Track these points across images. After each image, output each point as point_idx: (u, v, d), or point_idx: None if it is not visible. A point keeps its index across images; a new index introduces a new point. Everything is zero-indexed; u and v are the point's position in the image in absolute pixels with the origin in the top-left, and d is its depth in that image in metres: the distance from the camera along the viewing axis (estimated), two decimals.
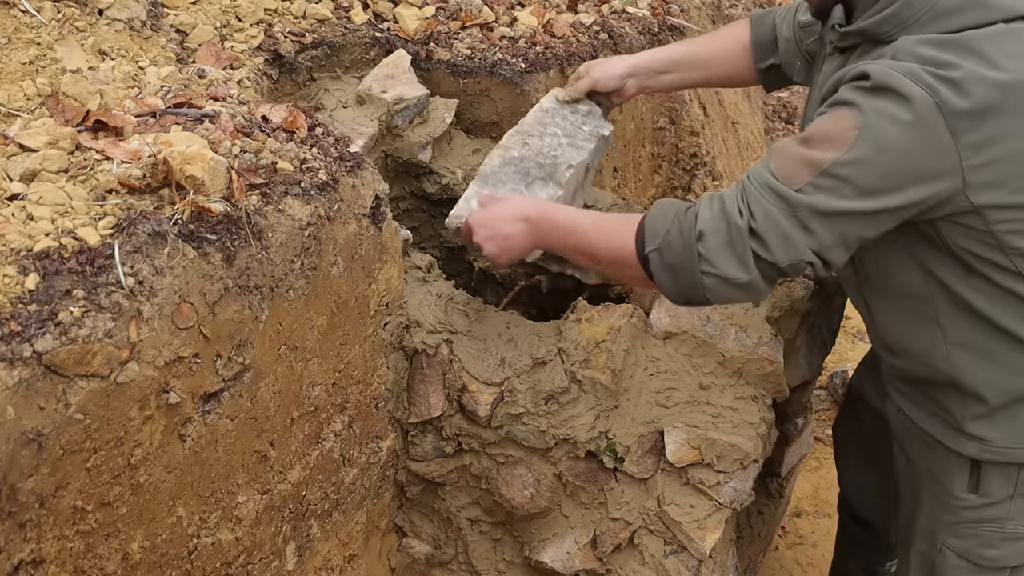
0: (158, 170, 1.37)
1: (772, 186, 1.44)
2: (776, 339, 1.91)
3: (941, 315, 1.58)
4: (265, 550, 1.62)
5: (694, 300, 1.54)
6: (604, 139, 2.05)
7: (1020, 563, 1.72)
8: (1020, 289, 1.52)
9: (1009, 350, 1.57)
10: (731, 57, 1.98)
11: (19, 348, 1.12)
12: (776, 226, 1.43)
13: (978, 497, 1.67)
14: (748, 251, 1.44)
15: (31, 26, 1.66)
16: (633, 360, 1.91)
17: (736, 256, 1.45)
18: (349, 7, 2.32)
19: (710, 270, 1.47)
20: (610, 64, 2.05)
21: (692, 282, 1.50)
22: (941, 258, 1.52)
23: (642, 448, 1.84)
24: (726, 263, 1.46)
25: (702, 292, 1.50)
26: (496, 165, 1.90)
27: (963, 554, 1.73)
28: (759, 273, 1.45)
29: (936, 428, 1.70)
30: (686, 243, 1.49)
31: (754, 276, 1.46)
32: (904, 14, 1.46)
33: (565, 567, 1.93)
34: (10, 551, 1.15)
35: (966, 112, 1.36)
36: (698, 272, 1.48)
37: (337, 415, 1.74)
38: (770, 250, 1.44)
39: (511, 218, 1.72)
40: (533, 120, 2.02)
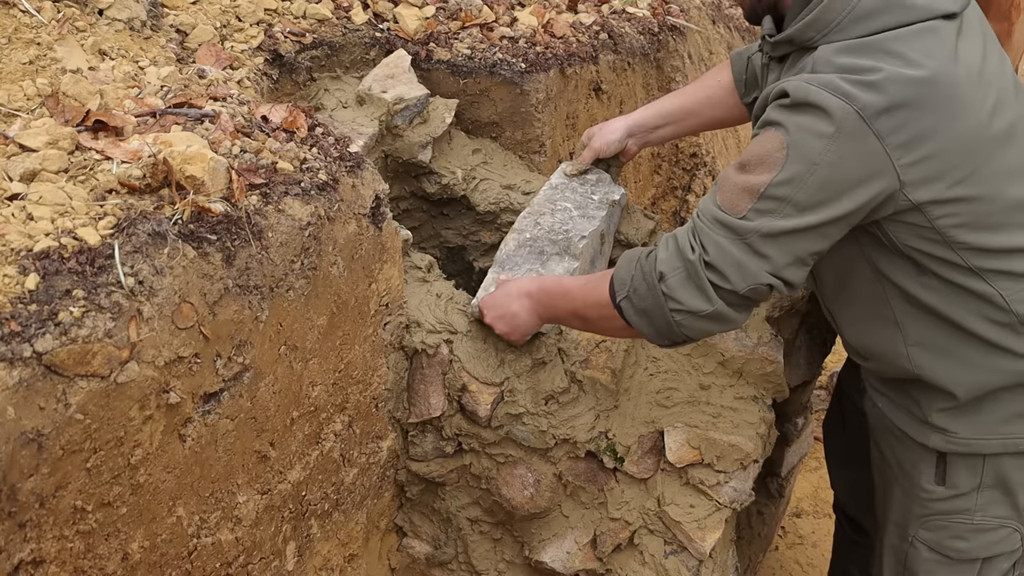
0: (158, 170, 1.37)
1: (718, 218, 1.47)
2: (776, 339, 1.91)
3: (898, 316, 1.61)
4: (265, 550, 1.63)
5: (675, 339, 1.57)
6: (616, 203, 2.12)
7: (990, 554, 1.74)
8: (971, 284, 1.54)
9: (966, 346, 1.59)
10: (718, 100, 2.02)
11: (19, 348, 1.12)
12: (728, 256, 1.46)
13: (945, 489, 1.70)
14: (706, 283, 1.48)
15: (31, 26, 1.67)
16: (633, 360, 1.91)
17: (697, 288, 1.48)
18: (349, 7, 2.32)
19: (677, 307, 1.50)
20: (607, 130, 2.12)
21: (665, 322, 1.53)
22: (892, 259, 1.55)
23: (642, 448, 1.85)
24: (689, 297, 1.49)
25: (678, 329, 1.53)
26: (511, 249, 1.97)
27: (933, 546, 1.76)
28: (723, 302, 1.49)
29: (903, 421, 1.73)
30: (650, 286, 1.52)
31: (718, 306, 1.49)
32: (825, 18, 1.48)
33: (565, 567, 1.93)
34: (10, 551, 1.15)
35: (888, 113, 1.39)
36: (667, 311, 1.51)
37: (337, 415, 1.74)
38: (727, 279, 1.47)
39: (515, 295, 1.78)
40: (543, 198, 2.11)
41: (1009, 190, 1.50)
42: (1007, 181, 1.50)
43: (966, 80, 1.45)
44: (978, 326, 1.57)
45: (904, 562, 1.82)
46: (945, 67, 1.42)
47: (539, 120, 2.33)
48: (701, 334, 1.56)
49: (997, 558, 1.74)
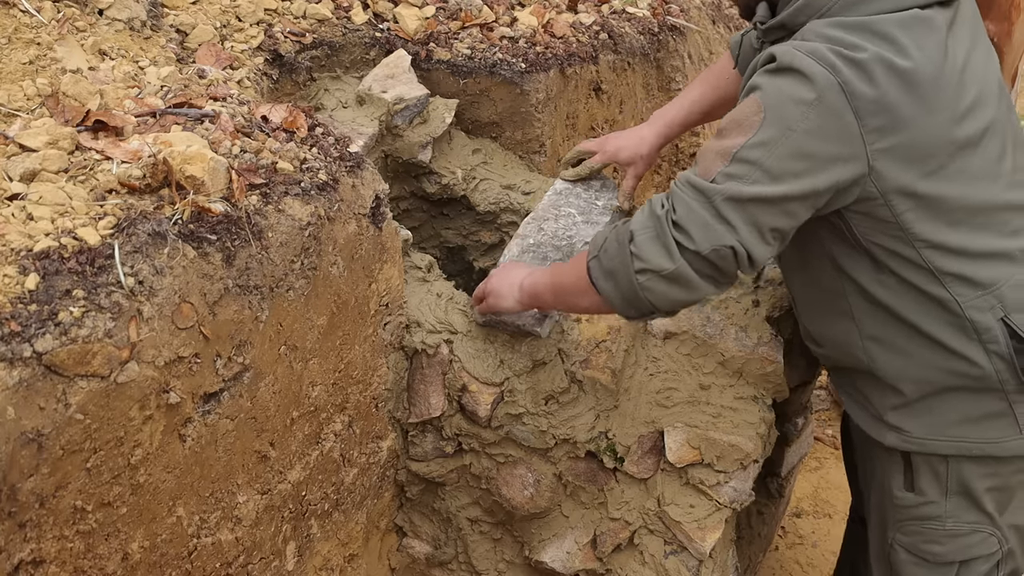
0: (158, 170, 1.37)
1: (691, 181, 1.47)
2: (776, 339, 1.91)
3: (854, 310, 1.62)
4: (265, 550, 1.62)
5: (640, 307, 1.53)
6: (620, 209, 2.12)
7: (967, 557, 1.73)
8: (928, 287, 1.54)
9: (919, 346, 1.59)
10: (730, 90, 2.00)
11: (19, 348, 1.12)
12: (696, 216, 1.44)
13: (915, 496, 1.70)
14: (671, 239, 1.46)
15: (31, 26, 1.67)
16: (633, 360, 1.91)
17: (662, 245, 1.46)
18: (349, 7, 2.32)
19: (641, 265, 1.48)
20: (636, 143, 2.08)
21: (629, 283, 1.50)
22: (851, 254, 1.56)
23: (642, 448, 1.84)
24: (653, 254, 1.47)
25: (642, 293, 1.50)
26: (515, 254, 1.98)
27: (911, 549, 1.76)
28: (685, 262, 1.46)
29: (862, 418, 1.74)
30: (620, 244, 1.51)
31: (679, 264, 1.46)
32: (817, 3, 1.47)
33: (565, 567, 1.93)
34: (10, 551, 1.15)
35: (867, 94, 1.38)
36: (632, 271, 1.49)
37: (337, 415, 1.74)
38: (692, 238, 1.44)
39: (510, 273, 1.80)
40: (547, 203, 2.12)
41: (974, 192, 1.50)
42: (972, 183, 1.49)
43: (948, 76, 1.43)
44: (932, 328, 1.56)
45: (889, 564, 1.83)
46: (932, 60, 1.41)
47: (539, 120, 2.33)
48: (665, 301, 1.51)
49: (974, 561, 1.73)
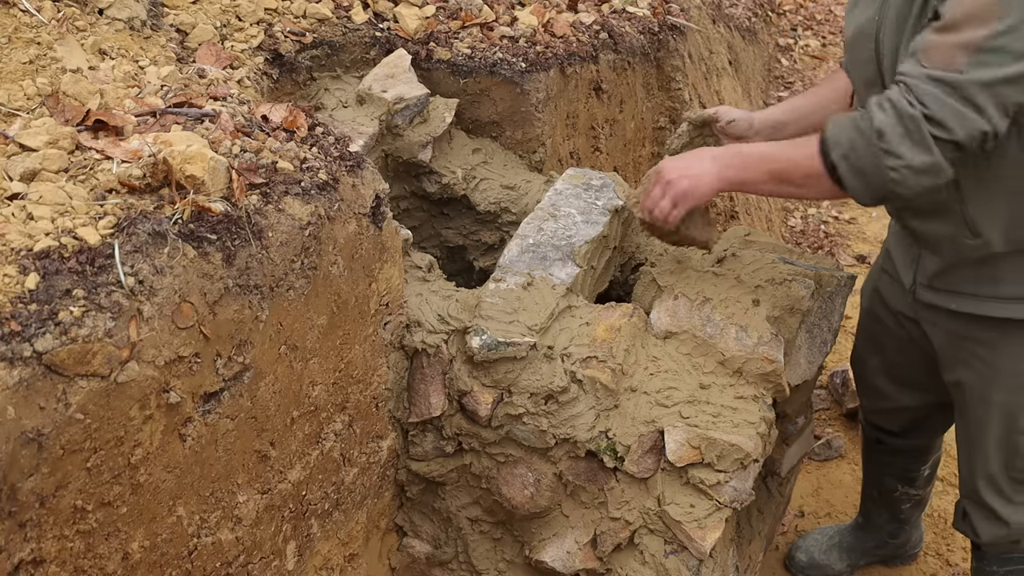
0: (158, 170, 1.37)
1: (933, 76, 1.59)
2: (776, 339, 1.91)
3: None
4: (265, 550, 1.62)
5: (886, 196, 1.69)
6: (619, 210, 2.14)
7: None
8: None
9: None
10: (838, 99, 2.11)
11: (19, 348, 1.12)
12: (949, 108, 1.58)
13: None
14: (927, 136, 1.59)
15: (31, 26, 1.66)
16: (633, 360, 1.91)
17: (917, 143, 1.61)
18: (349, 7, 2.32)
19: (896, 163, 1.62)
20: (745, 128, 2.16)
21: (880, 179, 1.65)
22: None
23: (642, 448, 1.84)
24: (911, 151, 1.61)
25: (892, 186, 1.65)
26: (515, 255, 1.99)
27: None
28: (940, 153, 1.61)
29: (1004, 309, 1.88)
30: (868, 144, 1.64)
31: (937, 157, 1.61)
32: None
33: (565, 567, 1.93)
34: (10, 551, 1.15)
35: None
36: (884, 168, 1.63)
37: (337, 415, 1.74)
38: (949, 130, 1.59)
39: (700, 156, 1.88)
40: (547, 203, 2.13)
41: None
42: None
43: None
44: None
45: (1016, 451, 2.00)
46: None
47: (539, 120, 2.33)
48: (913, 189, 1.66)
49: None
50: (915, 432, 2.43)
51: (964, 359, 2.00)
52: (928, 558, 2.78)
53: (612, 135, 2.75)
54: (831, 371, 3.37)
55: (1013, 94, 1.58)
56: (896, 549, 2.71)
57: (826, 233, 4.22)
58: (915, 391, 2.29)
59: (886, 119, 1.63)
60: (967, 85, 1.56)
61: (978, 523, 2.16)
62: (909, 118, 1.60)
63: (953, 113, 1.58)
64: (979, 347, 1.96)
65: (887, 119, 1.63)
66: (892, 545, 2.68)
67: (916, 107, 1.60)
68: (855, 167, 1.67)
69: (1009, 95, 1.58)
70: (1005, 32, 1.53)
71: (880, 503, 2.60)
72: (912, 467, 2.50)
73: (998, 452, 2.04)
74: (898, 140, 1.62)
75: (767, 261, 2.07)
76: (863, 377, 2.45)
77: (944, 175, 1.64)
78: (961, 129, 1.58)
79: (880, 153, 1.63)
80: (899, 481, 2.52)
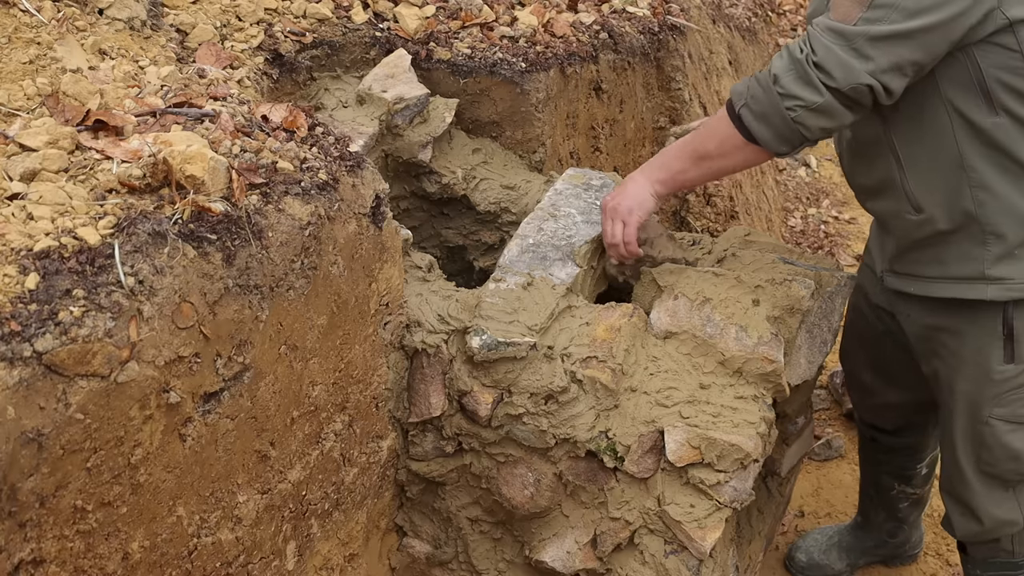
0: (158, 170, 1.37)
1: (830, 26, 1.68)
2: (776, 339, 1.91)
3: (966, 157, 1.77)
4: (265, 550, 1.62)
5: (793, 139, 1.76)
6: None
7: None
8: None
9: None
10: None
11: (19, 348, 1.12)
12: (835, 56, 1.66)
13: (1015, 365, 1.90)
14: (814, 77, 1.68)
15: (31, 26, 1.66)
16: (633, 360, 1.91)
17: (807, 82, 1.69)
18: (349, 7, 2.32)
19: (791, 103, 1.70)
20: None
21: (782, 119, 1.73)
22: (968, 97, 1.72)
23: (642, 448, 1.84)
24: (802, 91, 1.69)
25: (794, 126, 1.72)
26: (515, 255, 1.99)
27: (1009, 419, 1.96)
28: (831, 96, 1.68)
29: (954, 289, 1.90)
30: (765, 89, 1.74)
31: (827, 98, 1.68)
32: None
33: (565, 567, 1.93)
34: (10, 551, 1.15)
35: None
36: (782, 108, 1.71)
37: (337, 415, 1.74)
38: (832, 77, 1.66)
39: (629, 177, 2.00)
40: (547, 203, 2.13)
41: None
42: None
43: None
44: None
45: (982, 440, 2.00)
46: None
47: (539, 120, 2.33)
48: (816, 131, 1.74)
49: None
50: (908, 430, 2.43)
51: (935, 349, 2.02)
52: (928, 558, 2.78)
53: (612, 135, 2.75)
54: (831, 371, 3.37)
55: (905, 52, 1.64)
56: (895, 549, 2.71)
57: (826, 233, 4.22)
58: (899, 387, 2.30)
59: (780, 63, 1.72)
60: (855, 36, 1.64)
61: (954, 518, 2.17)
62: (797, 61, 1.69)
63: (837, 61, 1.65)
64: (947, 336, 1.98)
65: (781, 63, 1.72)
66: (891, 545, 2.68)
67: (806, 51, 1.68)
68: (758, 113, 1.75)
69: (901, 52, 1.63)
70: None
71: (878, 502, 2.61)
72: (908, 465, 2.50)
73: (965, 444, 2.05)
74: (791, 81, 1.70)
75: (767, 261, 2.08)
76: (851, 373, 2.47)
77: (840, 118, 1.71)
78: (843, 78, 1.65)
79: (776, 96, 1.71)
80: (895, 479, 2.53)
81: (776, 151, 1.80)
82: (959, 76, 1.70)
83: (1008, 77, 1.68)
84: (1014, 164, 1.75)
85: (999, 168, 1.76)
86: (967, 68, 1.69)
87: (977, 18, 1.61)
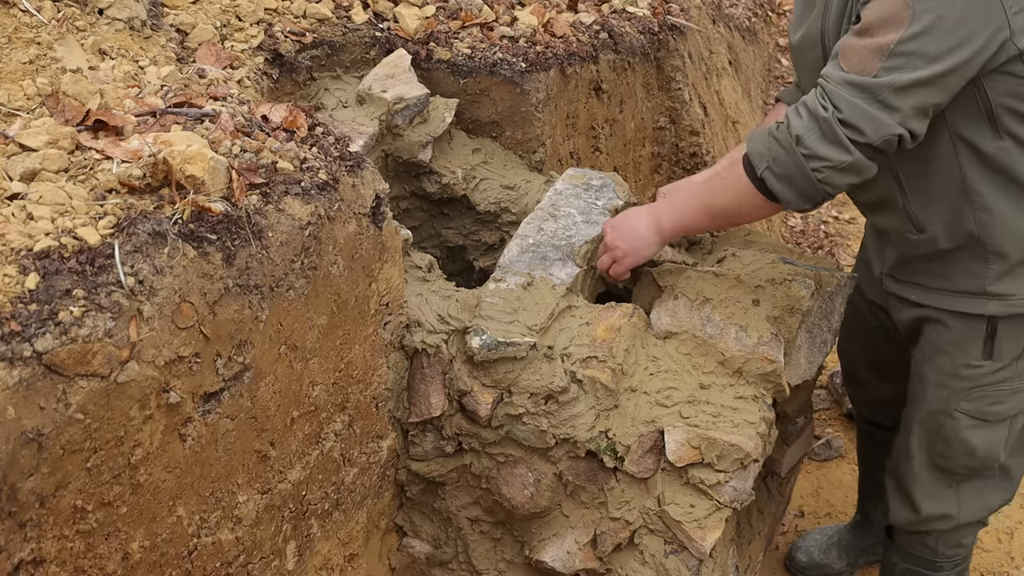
0: (158, 170, 1.37)
1: (849, 80, 1.62)
2: (776, 339, 1.91)
3: (969, 181, 1.77)
4: (265, 549, 1.63)
5: (817, 197, 1.71)
6: (619, 210, 2.14)
7: (1018, 411, 2.00)
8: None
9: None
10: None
11: (19, 348, 1.12)
12: (861, 112, 1.61)
13: (992, 363, 1.92)
14: (843, 137, 1.62)
15: (31, 26, 1.66)
16: (633, 360, 1.91)
17: (834, 143, 1.63)
18: (349, 7, 2.32)
19: (818, 164, 1.65)
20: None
21: (807, 181, 1.68)
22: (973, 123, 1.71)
23: (642, 448, 1.84)
24: (829, 151, 1.64)
25: (820, 187, 1.68)
26: (514, 255, 1.99)
27: (974, 414, 1.99)
28: (860, 153, 1.64)
29: (955, 302, 1.92)
30: (788, 151, 1.67)
31: (856, 156, 1.64)
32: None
33: (565, 567, 1.93)
34: (10, 551, 1.15)
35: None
36: (808, 170, 1.66)
37: (337, 415, 1.74)
38: (863, 132, 1.62)
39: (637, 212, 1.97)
40: (547, 203, 2.13)
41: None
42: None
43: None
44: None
45: (939, 431, 2.03)
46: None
47: (539, 120, 2.33)
48: (842, 187, 1.71)
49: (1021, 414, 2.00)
50: None
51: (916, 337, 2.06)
52: None
53: (612, 135, 2.75)
54: (831, 371, 3.37)
55: (929, 96, 1.61)
56: None
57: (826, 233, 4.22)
58: (894, 382, 2.32)
59: (802, 124, 1.66)
60: (880, 89, 1.59)
61: (892, 504, 2.19)
62: (823, 120, 1.63)
63: (865, 117, 1.60)
64: (930, 326, 2.01)
65: (803, 123, 1.66)
66: None
67: (830, 110, 1.63)
68: (781, 176, 1.70)
69: (925, 97, 1.60)
70: (916, 35, 1.55)
71: (876, 498, 2.61)
72: None
73: (923, 432, 2.07)
74: (816, 142, 1.64)
75: (767, 261, 2.08)
76: (847, 368, 2.49)
77: (867, 172, 1.68)
78: (874, 133, 1.61)
79: (801, 158, 1.66)
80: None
81: (799, 209, 1.77)
82: (966, 106, 1.70)
83: (1014, 103, 1.68)
84: (1017, 186, 1.76)
85: (1002, 190, 1.77)
86: (975, 97, 1.68)
87: (992, 52, 1.60)
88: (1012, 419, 2.01)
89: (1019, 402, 1.98)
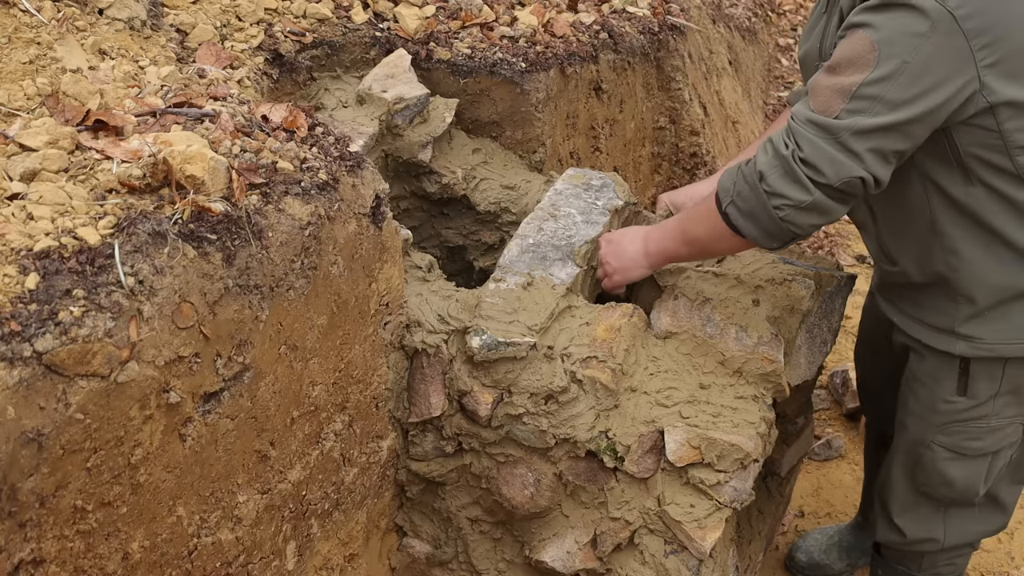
0: (158, 170, 1.37)
1: (812, 119, 1.59)
2: (776, 339, 1.91)
3: (939, 223, 1.74)
4: (265, 549, 1.63)
5: (783, 236, 1.68)
6: (619, 210, 2.15)
7: (999, 447, 1.95)
8: (1015, 192, 1.66)
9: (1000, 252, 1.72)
10: None
11: (19, 348, 1.12)
12: (821, 152, 1.57)
13: (967, 400, 1.88)
14: (802, 176, 1.59)
15: (31, 26, 1.66)
16: (633, 360, 1.91)
17: (794, 181, 1.60)
18: (349, 7, 2.32)
19: (779, 202, 1.62)
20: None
21: (769, 218, 1.65)
22: (944, 168, 1.68)
23: (642, 448, 1.84)
24: (789, 189, 1.61)
25: (783, 224, 1.65)
26: (514, 255, 1.99)
27: (951, 448, 1.95)
28: (821, 193, 1.60)
29: (924, 334, 1.89)
30: (751, 187, 1.65)
31: (816, 196, 1.60)
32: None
33: (565, 567, 1.93)
34: (10, 551, 1.15)
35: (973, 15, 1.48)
36: (769, 207, 1.63)
37: (337, 415, 1.74)
38: (822, 173, 1.58)
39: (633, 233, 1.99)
40: (547, 203, 2.14)
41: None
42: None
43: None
44: (1016, 233, 1.70)
45: (919, 460, 2.00)
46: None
47: (539, 120, 2.33)
48: (806, 226, 1.66)
49: (1004, 449, 1.95)
50: None
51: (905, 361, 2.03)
52: None
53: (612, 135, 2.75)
54: (831, 371, 3.37)
55: (889, 143, 1.56)
56: None
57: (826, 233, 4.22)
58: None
59: (765, 160, 1.63)
60: (840, 130, 1.55)
61: (879, 523, 2.18)
62: (783, 158, 1.60)
63: (825, 158, 1.57)
64: (913, 355, 1.98)
65: (766, 160, 1.63)
66: None
67: (791, 148, 1.60)
68: (745, 211, 1.68)
69: (885, 143, 1.56)
70: (880, 80, 1.51)
71: None
72: None
73: (905, 460, 2.05)
74: (777, 179, 1.61)
75: (767, 261, 2.08)
76: (862, 376, 2.47)
77: (833, 213, 1.63)
78: (834, 174, 1.57)
79: (764, 195, 1.63)
80: None
81: (766, 247, 1.74)
82: (936, 151, 1.66)
83: (985, 153, 1.63)
84: (986, 232, 1.72)
85: (972, 235, 1.73)
86: (944, 145, 1.64)
87: (959, 103, 1.55)
88: (994, 455, 1.95)
89: (999, 439, 1.92)
